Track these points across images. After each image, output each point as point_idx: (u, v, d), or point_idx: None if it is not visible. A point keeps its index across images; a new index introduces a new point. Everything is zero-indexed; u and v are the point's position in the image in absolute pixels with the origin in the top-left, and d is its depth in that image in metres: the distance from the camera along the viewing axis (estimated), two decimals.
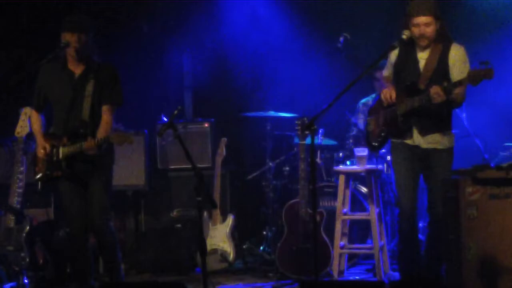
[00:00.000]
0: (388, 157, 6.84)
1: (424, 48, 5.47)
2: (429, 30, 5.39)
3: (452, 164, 5.54)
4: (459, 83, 5.22)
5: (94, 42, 5.61)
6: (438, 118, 5.45)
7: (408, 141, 5.55)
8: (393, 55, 5.63)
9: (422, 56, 5.49)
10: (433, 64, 5.42)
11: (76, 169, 5.57)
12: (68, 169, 5.54)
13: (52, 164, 5.55)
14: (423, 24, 5.38)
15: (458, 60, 5.41)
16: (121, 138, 5.41)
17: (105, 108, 5.59)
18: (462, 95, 5.41)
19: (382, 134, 5.68)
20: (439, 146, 5.50)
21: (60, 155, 5.53)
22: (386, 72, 5.79)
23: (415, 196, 5.63)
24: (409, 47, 5.51)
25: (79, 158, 5.53)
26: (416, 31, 5.41)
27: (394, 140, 5.66)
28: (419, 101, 5.35)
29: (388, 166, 6.93)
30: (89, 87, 5.55)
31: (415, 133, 5.52)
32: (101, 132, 5.50)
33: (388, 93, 5.52)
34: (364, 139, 6.21)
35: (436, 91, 5.23)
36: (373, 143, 5.80)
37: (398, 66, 5.60)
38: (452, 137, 5.58)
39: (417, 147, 5.53)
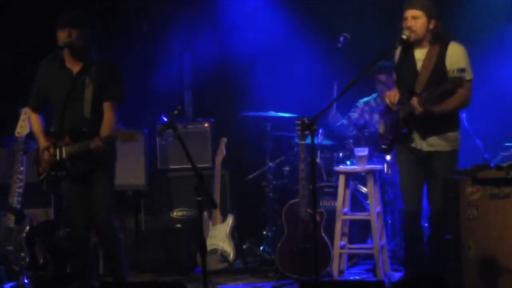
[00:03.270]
0: (388, 157, 6.85)
1: (419, 47, 5.40)
2: (416, 24, 5.31)
3: (456, 166, 5.46)
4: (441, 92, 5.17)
5: (90, 39, 5.55)
6: (438, 121, 5.38)
7: (411, 145, 5.51)
8: (397, 55, 5.59)
9: (420, 58, 5.41)
10: (430, 66, 5.34)
11: (80, 167, 5.54)
12: (73, 168, 5.51)
13: (56, 163, 5.51)
14: (411, 17, 5.31)
15: (455, 62, 5.29)
16: (127, 136, 5.40)
17: (106, 105, 5.54)
18: (455, 104, 5.32)
19: (390, 137, 5.63)
20: (441, 149, 5.45)
21: (64, 155, 5.48)
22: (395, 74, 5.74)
23: (420, 199, 5.59)
24: (408, 48, 5.45)
25: (83, 156, 5.48)
26: (404, 24, 5.35)
27: (398, 144, 5.63)
28: (411, 108, 5.30)
29: (388, 166, 6.93)
30: (89, 85, 5.51)
31: (416, 136, 5.48)
32: (105, 130, 5.47)
33: (392, 96, 5.46)
34: (365, 139, 6.20)
35: (414, 103, 5.22)
36: (382, 146, 5.76)
37: (398, 67, 5.57)
38: (456, 139, 5.49)
39: (419, 150, 5.49)
